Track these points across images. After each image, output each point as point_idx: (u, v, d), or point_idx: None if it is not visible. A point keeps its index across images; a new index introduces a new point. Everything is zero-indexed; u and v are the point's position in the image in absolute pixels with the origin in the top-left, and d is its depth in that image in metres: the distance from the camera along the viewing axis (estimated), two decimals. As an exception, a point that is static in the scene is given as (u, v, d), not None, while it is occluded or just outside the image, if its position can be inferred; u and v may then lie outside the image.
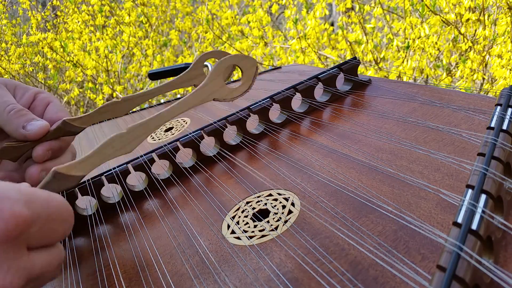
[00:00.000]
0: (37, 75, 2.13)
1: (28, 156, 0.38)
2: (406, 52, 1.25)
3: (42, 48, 1.93)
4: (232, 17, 1.80)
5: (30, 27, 2.13)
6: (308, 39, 1.43)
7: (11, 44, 2.16)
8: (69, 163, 0.34)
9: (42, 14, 2.17)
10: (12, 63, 2.04)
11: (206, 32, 1.86)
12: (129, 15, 1.94)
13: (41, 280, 0.27)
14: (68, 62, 1.89)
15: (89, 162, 0.35)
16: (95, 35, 1.95)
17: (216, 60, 0.39)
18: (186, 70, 0.38)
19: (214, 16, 1.94)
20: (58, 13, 2.29)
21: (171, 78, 0.39)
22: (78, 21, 2.02)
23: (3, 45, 2.19)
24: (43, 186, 0.32)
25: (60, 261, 0.29)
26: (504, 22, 1.08)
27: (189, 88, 1.93)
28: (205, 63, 1.06)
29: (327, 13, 1.47)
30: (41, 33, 1.92)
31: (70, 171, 0.34)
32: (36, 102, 0.40)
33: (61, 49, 1.87)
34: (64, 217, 0.28)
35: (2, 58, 2.09)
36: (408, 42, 1.24)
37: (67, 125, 0.37)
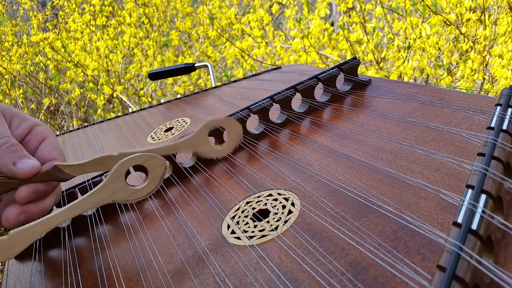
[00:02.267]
0: (38, 75, 2.13)
1: (5, 191, 0.36)
2: (407, 52, 1.25)
3: (43, 48, 1.94)
4: (233, 16, 1.80)
5: (31, 27, 2.14)
6: (312, 38, 1.43)
7: (12, 44, 2.16)
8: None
9: (43, 14, 2.17)
10: (13, 63, 2.04)
11: (206, 33, 1.86)
12: (130, 15, 1.94)
13: None
14: (69, 62, 1.89)
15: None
16: (96, 35, 1.95)
17: (220, 127, 0.39)
18: (190, 136, 0.36)
19: (215, 16, 1.94)
20: (61, 12, 2.29)
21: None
22: (79, 21, 2.02)
23: (6, 44, 2.19)
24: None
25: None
26: (505, 22, 1.08)
27: (179, 89, 1.93)
28: (205, 63, 1.06)
29: (328, 12, 1.47)
30: (42, 33, 1.92)
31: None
32: (31, 135, 0.39)
33: (62, 49, 1.88)
34: None
35: (4, 58, 2.09)
36: (409, 42, 1.24)
37: (58, 171, 0.36)
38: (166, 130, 0.73)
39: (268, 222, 0.38)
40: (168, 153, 0.36)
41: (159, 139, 0.70)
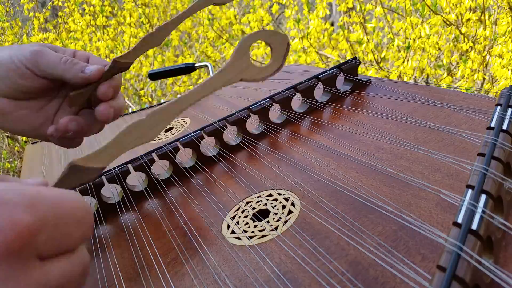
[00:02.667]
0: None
1: (83, 105, 0.43)
2: (407, 52, 1.25)
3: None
4: (233, 17, 1.80)
5: (32, 28, 2.13)
6: (310, 38, 1.43)
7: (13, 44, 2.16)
8: (86, 155, 0.31)
9: (43, 14, 2.17)
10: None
11: (206, 32, 1.86)
12: (130, 15, 1.94)
13: None
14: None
15: (108, 153, 0.32)
16: (96, 35, 1.95)
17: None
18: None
19: (215, 16, 1.94)
20: (61, 13, 2.29)
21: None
22: (79, 22, 2.02)
23: (6, 44, 2.19)
24: (59, 181, 0.31)
25: (84, 267, 0.25)
26: (505, 22, 1.08)
27: (179, 89, 1.93)
28: (205, 63, 1.06)
29: (328, 12, 1.47)
30: (42, 33, 1.92)
31: (88, 163, 0.31)
32: (77, 57, 0.44)
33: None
34: (79, 217, 0.24)
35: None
36: (409, 42, 1.24)
37: (118, 63, 0.41)
38: (166, 130, 0.73)
39: (268, 222, 0.38)
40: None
41: (159, 139, 0.70)
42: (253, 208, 0.40)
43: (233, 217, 0.40)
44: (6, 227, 0.20)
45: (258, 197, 0.42)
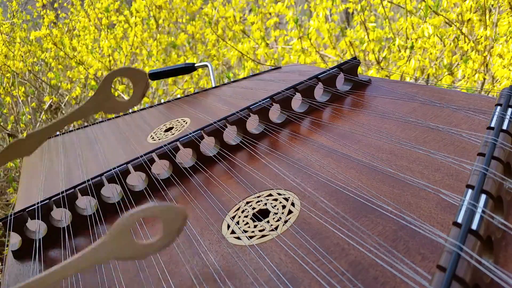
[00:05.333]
0: (46, 73, 2.13)
1: None
2: (410, 52, 1.25)
3: (47, 45, 1.94)
4: (232, 17, 1.80)
5: (38, 25, 2.13)
6: (310, 38, 1.43)
7: (20, 42, 2.17)
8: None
9: (51, 13, 2.17)
10: (17, 61, 2.04)
11: (212, 34, 1.86)
12: (137, 11, 1.93)
13: None
14: (72, 58, 1.89)
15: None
16: (101, 33, 1.95)
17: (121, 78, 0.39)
18: (93, 95, 0.36)
19: (218, 16, 1.94)
20: (72, 9, 2.29)
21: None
22: (86, 20, 2.02)
23: (17, 40, 2.20)
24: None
25: None
26: (506, 22, 1.08)
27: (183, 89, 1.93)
28: (206, 63, 1.06)
29: (327, 13, 1.46)
30: (46, 29, 1.92)
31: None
32: None
33: (67, 46, 1.88)
34: None
35: (9, 55, 2.09)
36: (412, 42, 1.23)
37: None
38: (166, 130, 0.73)
39: (268, 222, 0.38)
40: (76, 119, 0.36)
41: (159, 139, 0.70)
42: (253, 208, 0.40)
43: (233, 217, 0.40)
44: None
45: (258, 197, 0.42)
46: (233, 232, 0.38)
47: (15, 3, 2.32)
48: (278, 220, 0.37)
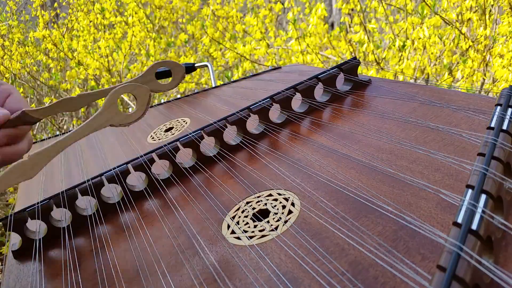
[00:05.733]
0: (42, 74, 2.13)
1: None
2: (403, 51, 1.25)
3: (46, 46, 1.94)
4: (233, 17, 1.80)
5: (36, 24, 2.13)
6: (310, 36, 1.43)
7: (18, 43, 2.16)
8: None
9: (48, 14, 2.17)
10: (15, 62, 2.04)
11: (206, 37, 1.86)
12: (135, 12, 1.93)
13: None
14: (71, 59, 1.89)
15: None
16: (102, 34, 1.95)
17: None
18: (141, 75, 0.40)
19: (217, 18, 1.94)
20: (70, 10, 2.28)
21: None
22: (84, 20, 2.02)
23: (7, 43, 2.20)
24: None
25: None
26: (506, 22, 1.08)
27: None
28: (206, 63, 1.06)
29: (326, 14, 1.46)
30: (45, 30, 1.92)
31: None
32: None
33: (66, 46, 1.87)
34: None
35: (5, 57, 2.09)
36: (404, 41, 1.23)
37: (26, 115, 0.40)
38: (166, 130, 0.73)
39: (268, 222, 0.38)
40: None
41: (159, 139, 0.70)
42: (253, 208, 0.40)
43: (233, 217, 0.40)
44: None
45: (258, 197, 0.42)
46: (233, 232, 0.38)
47: (12, 3, 2.31)
48: (278, 220, 0.37)
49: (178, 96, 0.97)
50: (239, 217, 0.40)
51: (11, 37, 2.21)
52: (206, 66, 1.03)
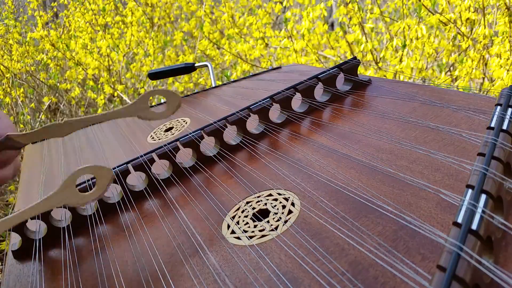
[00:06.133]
0: (40, 74, 2.13)
1: None
2: (402, 51, 1.25)
3: (44, 46, 1.94)
4: (227, 21, 1.80)
5: (35, 26, 2.13)
6: (303, 38, 1.43)
7: (16, 42, 2.16)
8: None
9: (48, 15, 2.17)
10: (15, 62, 2.04)
11: (204, 39, 1.86)
12: (132, 12, 1.93)
13: None
14: (70, 59, 1.89)
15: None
16: (98, 34, 1.95)
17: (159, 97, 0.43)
18: (133, 102, 0.41)
19: (217, 18, 1.94)
20: (66, 11, 2.28)
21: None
22: (81, 20, 2.02)
23: (10, 42, 2.19)
24: None
25: None
26: (502, 22, 1.08)
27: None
28: (206, 63, 1.06)
29: (326, 14, 1.46)
30: (43, 31, 1.92)
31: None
32: None
33: (64, 47, 1.87)
34: None
35: (5, 57, 2.09)
36: (405, 42, 1.23)
37: (10, 140, 0.40)
38: (166, 130, 0.73)
39: (268, 222, 0.38)
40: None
41: (159, 139, 0.70)
42: (253, 208, 0.40)
43: (233, 217, 0.40)
44: None
45: (258, 197, 0.42)
46: (233, 232, 0.38)
47: (10, 2, 2.31)
48: (278, 220, 0.37)
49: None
50: (239, 217, 0.40)
51: (9, 37, 2.21)
52: (206, 66, 1.03)
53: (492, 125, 0.34)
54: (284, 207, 0.39)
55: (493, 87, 1.10)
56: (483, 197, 0.27)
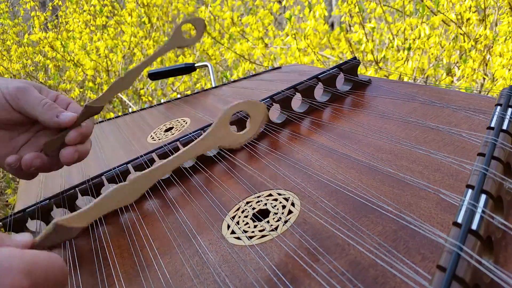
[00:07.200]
0: (38, 74, 2.13)
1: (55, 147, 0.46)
2: (407, 53, 1.25)
3: (43, 47, 1.94)
4: (229, 19, 1.80)
5: (32, 27, 2.14)
6: (307, 39, 1.43)
7: (13, 43, 2.16)
8: (70, 215, 0.33)
9: (45, 14, 2.17)
10: (14, 62, 2.04)
11: (208, 37, 1.86)
12: (130, 15, 1.93)
13: None
14: (69, 61, 1.89)
15: (89, 215, 0.34)
16: (96, 35, 1.95)
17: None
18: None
19: (217, 17, 1.94)
20: (60, 13, 2.29)
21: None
22: (79, 21, 2.02)
23: (8, 43, 2.19)
24: (44, 238, 0.32)
25: None
26: (506, 22, 1.08)
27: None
28: (205, 63, 1.06)
29: (326, 14, 1.46)
30: (42, 32, 1.92)
31: (71, 223, 0.33)
32: (59, 101, 0.47)
33: (62, 48, 1.87)
34: (60, 281, 0.28)
35: (4, 58, 2.09)
36: (409, 43, 1.23)
37: (89, 108, 0.45)
38: (166, 130, 0.73)
39: (268, 222, 0.38)
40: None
41: (159, 139, 0.70)
42: (253, 208, 0.40)
43: (233, 217, 0.40)
44: None
45: (258, 197, 0.42)
46: (233, 232, 0.38)
47: (4, 5, 2.32)
48: (278, 220, 0.37)
49: (179, 96, 0.97)
50: (239, 217, 0.40)
51: (5, 37, 2.21)
52: (206, 66, 1.03)
53: (492, 125, 0.34)
54: (284, 207, 0.39)
55: (495, 87, 1.10)
56: (483, 197, 0.27)
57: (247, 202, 0.42)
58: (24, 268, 0.25)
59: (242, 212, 0.40)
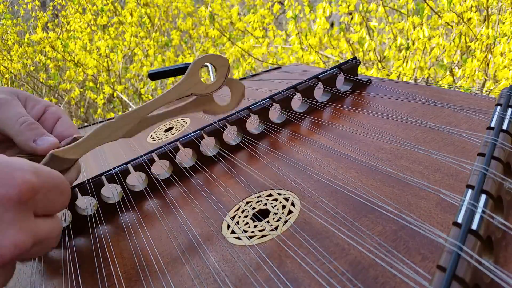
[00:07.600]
0: (39, 74, 2.13)
1: None
2: (407, 53, 1.25)
3: (44, 47, 1.94)
4: (235, 15, 1.80)
5: (33, 27, 2.14)
6: (313, 37, 1.43)
7: (14, 43, 2.17)
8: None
9: (45, 14, 2.17)
10: (14, 62, 2.05)
11: (207, 32, 1.86)
12: (131, 15, 1.94)
13: (43, 245, 0.31)
14: (69, 61, 1.89)
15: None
16: (97, 35, 1.95)
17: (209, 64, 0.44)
18: (182, 79, 0.43)
19: (216, 16, 1.94)
20: (63, 12, 2.29)
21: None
22: (80, 21, 2.02)
23: (9, 42, 2.20)
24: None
25: (59, 231, 0.32)
26: (508, 22, 1.08)
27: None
28: (206, 63, 1.06)
29: (327, 14, 1.46)
30: (43, 32, 1.92)
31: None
32: (47, 115, 0.42)
33: (62, 48, 1.88)
34: (62, 189, 0.32)
35: (5, 58, 2.09)
36: (408, 43, 1.23)
37: (55, 157, 0.40)
38: (166, 130, 0.73)
39: (268, 222, 0.38)
40: (171, 99, 0.42)
41: (159, 139, 0.70)
42: (253, 208, 0.40)
43: (233, 217, 0.40)
44: (21, 184, 0.27)
45: (258, 197, 0.42)
46: (233, 232, 0.38)
47: (2, 5, 2.32)
48: (278, 220, 0.37)
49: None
50: (239, 217, 0.40)
51: (7, 37, 2.22)
52: (206, 66, 1.03)
53: (492, 125, 0.34)
54: (284, 207, 0.39)
55: (498, 87, 1.10)
56: (483, 197, 0.27)
57: (247, 202, 0.42)
58: (33, 168, 0.28)
59: (242, 212, 0.40)
